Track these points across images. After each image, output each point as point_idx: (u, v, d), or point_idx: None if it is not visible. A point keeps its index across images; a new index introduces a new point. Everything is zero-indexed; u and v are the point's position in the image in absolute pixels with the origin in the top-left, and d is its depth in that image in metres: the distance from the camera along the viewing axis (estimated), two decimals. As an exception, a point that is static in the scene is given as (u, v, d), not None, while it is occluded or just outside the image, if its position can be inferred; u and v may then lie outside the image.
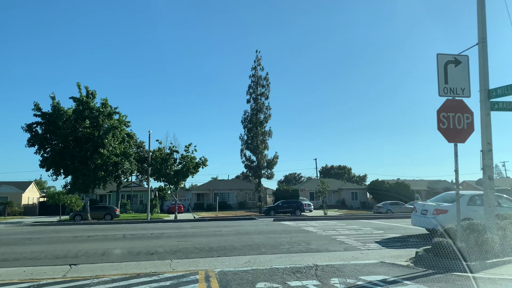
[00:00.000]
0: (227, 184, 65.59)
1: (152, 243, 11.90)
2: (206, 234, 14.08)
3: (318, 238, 12.68)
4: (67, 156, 29.33)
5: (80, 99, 30.24)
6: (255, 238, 12.62)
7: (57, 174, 30.45)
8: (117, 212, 38.15)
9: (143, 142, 43.28)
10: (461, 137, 8.02)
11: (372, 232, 14.31)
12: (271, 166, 46.10)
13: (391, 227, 16.51)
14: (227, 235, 13.69)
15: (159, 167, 30.45)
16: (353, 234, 13.67)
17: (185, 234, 13.97)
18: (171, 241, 12.25)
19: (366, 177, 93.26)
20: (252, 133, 45.72)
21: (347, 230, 14.96)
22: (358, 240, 12.12)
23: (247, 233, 14.01)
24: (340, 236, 12.93)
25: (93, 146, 29.26)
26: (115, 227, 17.98)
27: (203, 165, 31.82)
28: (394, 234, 13.45)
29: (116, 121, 31.27)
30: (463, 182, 71.72)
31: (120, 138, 31.17)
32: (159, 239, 12.85)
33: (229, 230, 15.49)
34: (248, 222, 21.03)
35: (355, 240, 12.01)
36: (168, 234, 14.11)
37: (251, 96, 46.98)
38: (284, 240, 12.11)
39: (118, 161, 30.67)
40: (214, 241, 12.00)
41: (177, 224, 19.53)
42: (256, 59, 47.20)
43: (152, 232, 14.72)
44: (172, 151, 31.20)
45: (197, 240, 12.29)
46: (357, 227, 16.26)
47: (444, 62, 8.11)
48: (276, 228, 16.12)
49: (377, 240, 12.13)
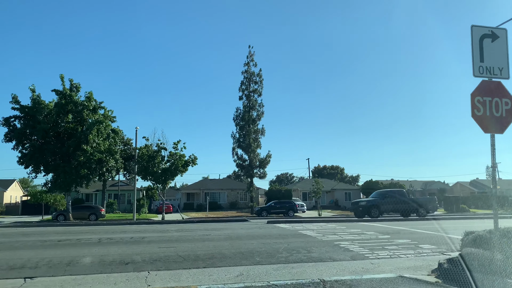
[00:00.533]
0: (218, 183, 64.00)
1: (130, 249, 10.37)
2: (192, 238, 12.58)
3: (319, 244, 11.26)
4: (47, 153, 27.61)
5: (63, 92, 28.54)
6: (248, 244, 11.16)
7: (37, 171, 28.69)
8: (102, 212, 36.46)
9: (130, 140, 41.61)
10: (499, 127, 6.63)
11: (377, 237, 12.93)
12: (263, 165, 44.70)
13: (396, 230, 15.16)
14: (216, 239, 12.21)
15: (146, 165, 28.85)
16: (357, 239, 12.29)
17: (169, 239, 12.46)
18: (152, 247, 10.74)
19: (359, 178, 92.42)
20: (245, 131, 44.27)
21: (349, 234, 13.57)
22: (364, 246, 10.72)
23: (238, 238, 12.54)
24: (344, 242, 11.52)
25: (75, 142, 27.58)
26: (93, 229, 16.40)
27: (193, 164, 30.30)
28: (403, 239, 12.08)
29: (101, 116, 29.60)
30: (456, 183, 71.07)
31: (105, 134, 29.51)
32: (138, 244, 11.32)
33: (218, 233, 14.00)
34: (239, 224, 19.54)
35: (361, 247, 10.61)
36: (150, 239, 12.59)
37: (244, 93, 45.55)
38: (281, 247, 10.67)
39: (102, 158, 29.00)
40: (201, 248, 10.51)
41: (163, 226, 17.99)
42: (249, 54, 45.81)
43: (133, 236, 13.19)
44: (159, 148, 29.62)
45: (182, 246, 10.78)
46: (359, 231, 14.89)
47: (479, 36, 6.70)
48: (271, 231, 14.67)
49: (386, 246, 10.74)
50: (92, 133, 27.78)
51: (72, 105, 28.21)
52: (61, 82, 28.54)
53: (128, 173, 41.56)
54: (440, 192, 59.57)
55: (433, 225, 18.40)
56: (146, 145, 30.00)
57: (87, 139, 27.45)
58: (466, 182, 71.79)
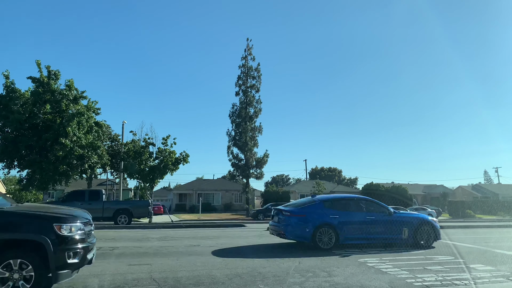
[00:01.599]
0: (212, 184, 61.29)
1: (89, 267, 7.69)
2: (176, 251, 9.92)
3: (339, 261, 8.68)
4: (22, 146, 24.76)
5: (40, 80, 25.70)
6: (247, 261, 8.55)
7: (10, 167, 25.80)
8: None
9: (118, 135, 38.68)
10: None
11: (407, 249, 10.34)
12: (260, 165, 42.09)
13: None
14: (206, 253, 9.57)
15: (132, 162, 26.11)
16: (384, 253, 9.73)
17: (146, 251, 9.80)
18: (120, 264, 8.10)
19: (357, 180, 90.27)
20: (241, 128, 41.66)
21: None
22: (399, 265, 8.16)
23: (234, 252, 9.92)
24: (370, 259, 8.95)
25: (53, 135, 24.75)
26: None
27: (184, 161, 27.58)
28: (443, 256, 9.53)
29: (83, 107, 26.80)
30: (458, 187, 68.86)
31: (87, 127, 26.69)
32: (104, 258, 8.67)
33: (210, 244, 11.34)
34: (235, 231, 16.87)
35: (395, 266, 8.05)
36: (122, 250, 9.92)
37: (240, 88, 42.97)
38: (291, 266, 8.08)
39: (84, 154, 26.19)
40: (184, 266, 7.88)
41: (144, 232, 15.29)
42: (246, 47, 43.24)
43: (102, 246, 10.53)
44: (147, 144, 26.87)
45: (160, 264, 8.15)
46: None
47: None
48: (274, 241, 12.05)
49: (427, 266, 8.19)
50: (72, 126, 24.98)
51: (50, 94, 25.39)
52: (37, 69, 25.73)
53: (116, 171, 38.70)
54: (443, 197, 57.34)
55: (459, 235, 15.90)
56: (133, 140, 27.27)
57: (66, 132, 24.63)
58: (468, 186, 69.62)
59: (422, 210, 42.59)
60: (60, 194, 52.62)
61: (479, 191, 64.41)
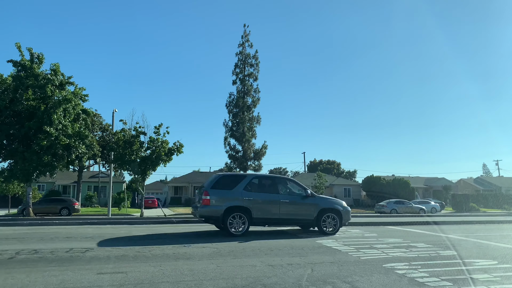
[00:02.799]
0: (209, 177, 59.62)
1: (52, 277, 6.00)
2: (161, 253, 8.24)
3: (360, 267, 7.05)
4: (2, 135, 23.08)
5: (21, 63, 23.88)
6: (247, 268, 6.91)
7: (-10, 157, 24.10)
8: (76, 206, 32.15)
9: (109, 125, 36.93)
10: None
11: (438, 252, 8.74)
12: (258, 157, 40.47)
13: (447, 240, 11.04)
14: (196, 256, 7.92)
15: (122, 153, 24.40)
16: (412, 257, 8.11)
17: (124, 254, 8.09)
18: (89, 272, 6.42)
19: (356, 173, 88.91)
20: (238, 118, 39.97)
21: (392, 248, 9.37)
22: (436, 274, 6.54)
23: (231, 254, 8.28)
24: (398, 264, 7.33)
25: (37, 123, 23.01)
26: (32, 232, 12.00)
27: (178, 152, 25.91)
28: (483, 260, 7.93)
29: (69, 93, 25.00)
30: (460, 180, 67.57)
31: (73, 114, 24.92)
32: (70, 264, 7.02)
33: (202, 244, 9.68)
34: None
35: (432, 275, 6.44)
36: (96, 252, 8.22)
37: (238, 77, 41.18)
38: (302, 273, 6.46)
39: (71, 144, 24.46)
40: (168, 276, 6.20)
41: (128, 229, 13.55)
42: (244, 34, 41.38)
43: (74, 247, 8.88)
44: (138, 133, 25.14)
45: (139, 272, 6.49)
46: (400, 241, 10.72)
47: None
48: (279, 242, 10.41)
49: (473, 274, 6.58)
50: (57, 113, 23.21)
51: (34, 79, 23.59)
52: (19, 53, 23.87)
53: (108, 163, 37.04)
54: (445, 190, 55.99)
55: (480, 232, 14.34)
56: (123, 129, 25.54)
57: (51, 119, 22.87)
58: (469, 179, 68.34)
59: (426, 204, 41.19)
60: (50, 187, 50.97)
61: (481, 184, 63.13)
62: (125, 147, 24.19)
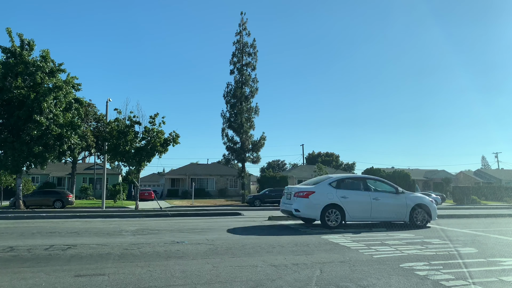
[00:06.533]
0: (206, 169, 58.89)
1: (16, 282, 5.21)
2: (152, 251, 7.43)
3: (374, 268, 6.26)
4: (-10, 124, 22.18)
5: (11, 50, 22.88)
6: (247, 268, 6.12)
7: (-22, 147, 23.17)
8: (70, 199, 31.28)
9: (104, 116, 35.94)
10: None
11: (458, 250, 7.92)
12: (257, 149, 39.58)
13: (467, 235, 10.28)
14: (190, 255, 7.12)
15: (116, 143, 23.51)
16: (430, 255, 7.31)
17: (109, 251, 7.28)
18: (64, 273, 5.63)
19: (354, 165, 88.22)
20: (236, 109, 39.02)
21: (406, 244, 8.54)
22: (462, 276, 5.76)
23: (228, 251, 7.49)
24: (416, 264, 6.54)
25: (27, 112, 22.10)
26: (16, 227, 11.20)
27: (174, 143, 25.03)
28: (508, 258, 7.17)
29: (60, 81, 24.03)
30: (460, 173, 67.02)
31: (65, 103, 23.98)
32: (46, 264, 6.22)
33: (197, 240, 8.87)
34: (230, 220, 14.42)
35: (457, 277, 5.67)
36: (79, 250, 7.44)
37: (235, 66, 40.16)
38: (310, 275, 5.67)
39: (62, 134, 23.56)
40: (156, 278, 5.43)
41: (118, 223, 12.76)
42: (241, 22, 40.29)
43: (55, 244, 8.09)
44: (132, 123, 24.23)
45: (121, 274, 5.69)
46: (412, 236, 9.94)
47: None
48: (280, 236, 9.63)
49: (502, 276, 5.80)
50: (48, 101, 22.27)
51: (23, 66, 22.60)
52: (9, 39, 22.86)
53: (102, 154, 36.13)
54: (445, 182, 55.40)
55: (493, 226, 13.60)
56: (116, 119, 24.60)
57: (41, 108, 21.94)
58: (469, 171, 67.82)
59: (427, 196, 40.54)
60: (45, 179, 50.08)
61: (481, 177, 62.61)
62: (119, 138, 23.31)
